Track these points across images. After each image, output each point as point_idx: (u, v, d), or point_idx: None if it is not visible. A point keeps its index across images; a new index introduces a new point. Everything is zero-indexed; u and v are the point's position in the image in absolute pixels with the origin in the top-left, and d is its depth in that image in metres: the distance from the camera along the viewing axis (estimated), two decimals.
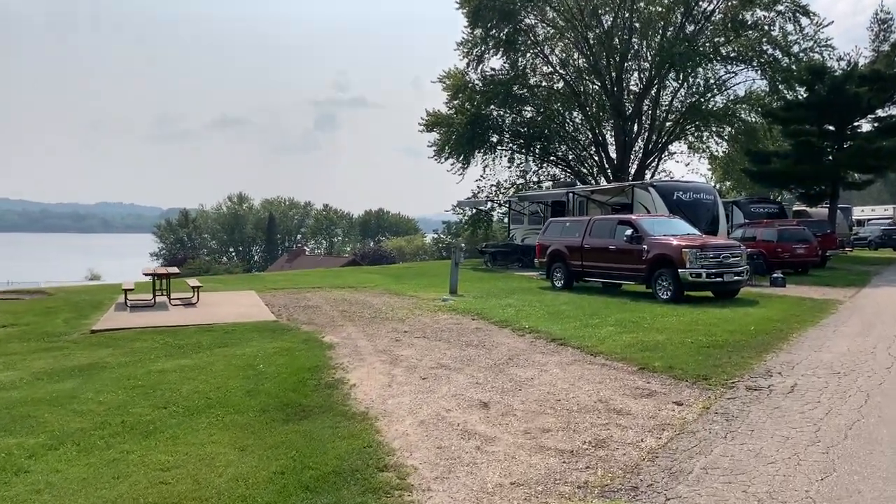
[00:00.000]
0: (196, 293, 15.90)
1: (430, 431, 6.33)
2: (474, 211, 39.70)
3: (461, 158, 39.76)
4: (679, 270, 15.66)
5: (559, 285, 19.40)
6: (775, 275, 19.87)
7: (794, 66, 34.28)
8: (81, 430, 6.54)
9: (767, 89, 37.19)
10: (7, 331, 12.98)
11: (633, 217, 18.42)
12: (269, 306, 15.50)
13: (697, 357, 9.23)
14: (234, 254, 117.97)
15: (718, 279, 15.71)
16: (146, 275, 15.80)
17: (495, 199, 38.00)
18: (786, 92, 35.34)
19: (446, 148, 39.56)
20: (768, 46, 35.78)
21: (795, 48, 34.97)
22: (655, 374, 8.52)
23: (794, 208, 38.94)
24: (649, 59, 39.14)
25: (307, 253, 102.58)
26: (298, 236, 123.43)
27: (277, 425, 6.56)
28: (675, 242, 16.28)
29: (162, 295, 15.88)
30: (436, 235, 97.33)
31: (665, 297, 15.97)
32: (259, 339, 11.39)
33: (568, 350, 10.18)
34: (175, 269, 16.35)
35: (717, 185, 49.43)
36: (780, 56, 35.29)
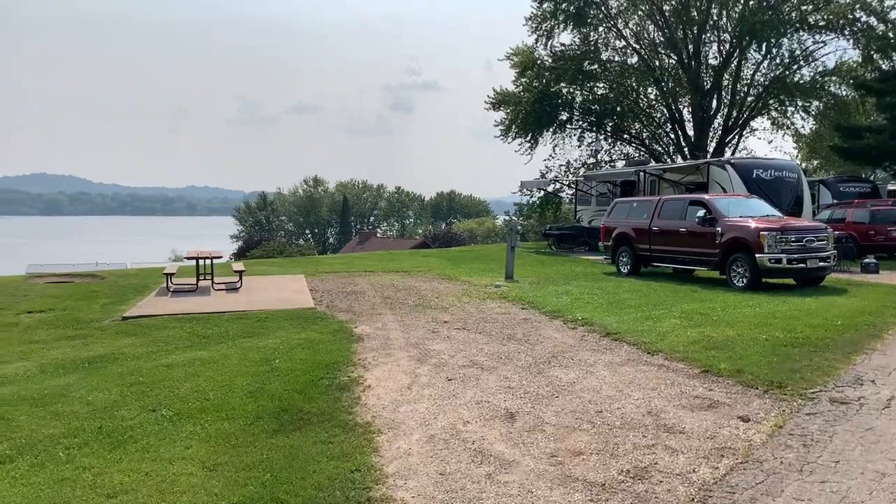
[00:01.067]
0: (240, 277, 15.30)
1: (437, 451, 5.33)
2: (542, 192, 38.28)
3: (529, 138, 38.44)
4: (756, 255, 14.18)
5: (625, 271, 18.07)
6: (867, 260, 18.01)
7: (890, 34, 31.53)
8: (50, 437, 5.81)
9: (860, 59, 34.44)
10: (42, 316, 12.62)
11: (706, 197, 16.89)
12: (313, 292, 14.77)
13: (772, 358, 7.92)
14: (309, 236, 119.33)
15: (801, 265, 14.15)
16: (188, 258, 15.27)
17: (561, 178, 36.47)
18: (881, 62, 32.59)
19: (513, 127, 38.29)
20: (861, 13, 32.98)
21: (893, 14, 32.17)
22: (720, 378, 7.29)
23: (889, 187, 36.00)
24: (729, 30, 36.76)
25: (379, 235, 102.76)
26: (371, 219, 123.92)
27: (265, 437, 5.68)
28: (752, 224, 14.78)
29: (205, 279, 15.33)
30: (507, 217, 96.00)
31: (740, 284, 14.51)
32: (289, 328, 10.61)
33: (622, 347, 9.01)
34: (219, 253, 15.78)
35: (804, 164, 46.47)
36: (875, 23, 32.53)
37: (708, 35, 37.47)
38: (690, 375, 7.49)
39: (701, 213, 15.79)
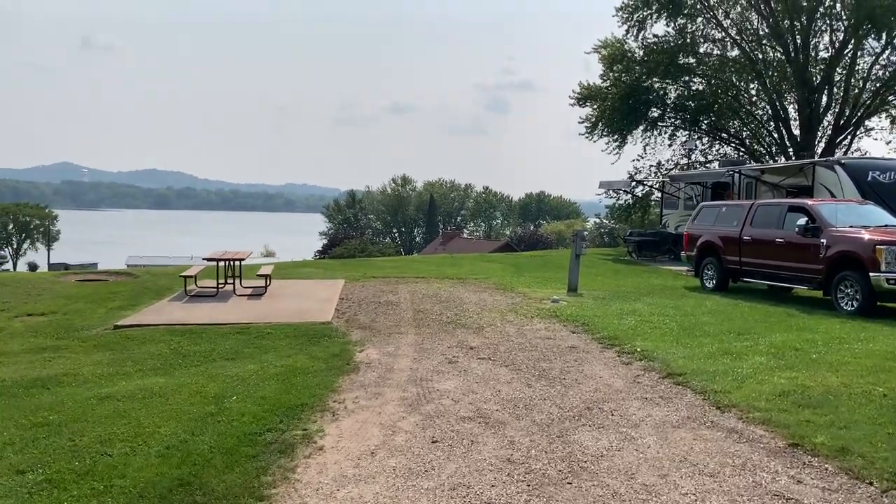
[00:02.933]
0: (265, 283, 13.82)
1: None
2: (630, 195, 35.56)
3: (616, 136, 35.76)
4: (870, 274, 11.63)
5: (710, 286, 15.63)
6: None
7: None
8: None
9: None
10: (38, 321, 11.46)
11: (810, 202, 14.30)
12: (343, 301, 13.12)
13: (892, 428, 5.64)
14: (396, 235, 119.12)
15: None
16: (207, 260, 13.86)
17: (645, 178, 33.60)
18: None
19: (599, 124, 35.73)
20: None
21: None
22: (815, 459, 5.10)
23: None
24: (844, 17, 33.12)
25: (465, 236, 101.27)
26: (458, 219, 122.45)
27: None
28: (865, 236, 12.22)
29: (228, 284, 13.88)
30: (598, 220, 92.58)
31: (849, 309, 11.99)
32: (283, 349, 8.94)
33: (684, 396, 6.86)
34: (244, 254, 14.32)
35: None
36: None
37: (819, 24, 33.91)
38: (771, 451, 5.32)
39: (802, 220, 13.29)
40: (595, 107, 35.72)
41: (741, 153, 36.62)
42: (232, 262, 13.87)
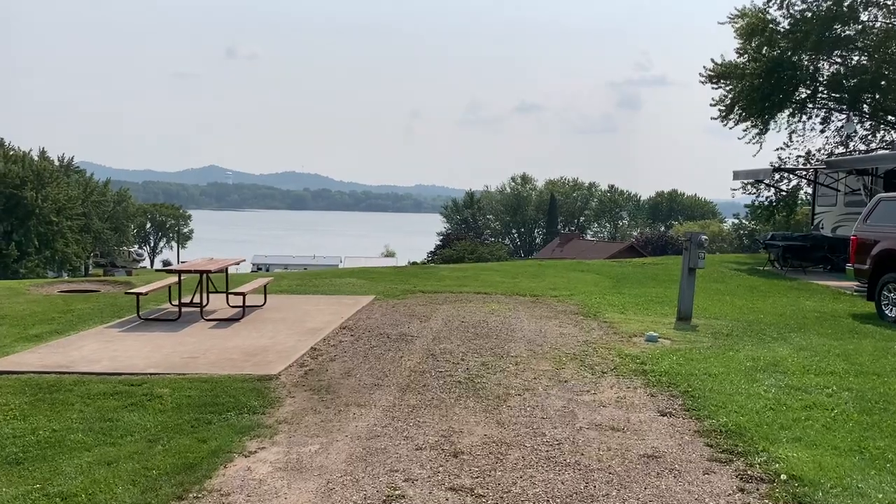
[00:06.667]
0: (243, 303, 10.13)
1: None
2: (772, 188, 29.76)
3: (755, 122, 30.03)
4: None
5: (893, 315, 10.66)
6: None
7: None
8: None
9: None
10: None
11: None
12: (343, 330, 9.28)
13: None
14: (515, 235, 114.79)
15: None
16: (163, 271, 10.32)
17: (791, 167, 27.61)
18: None
19: (735, 107, 30.14)
20: None
21: None
22: None
23: None
24: None
25: (589, 237, 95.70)
26: (581, 219, 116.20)
27: None
28: None
29: (196, 303, 10.26)
30: (737, 221, 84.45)
31: None
32: (131, 440, 5.13)
33: None
34: (224, 262, 10.67)
35: None
36: None
37: None
38: None
39: None
40: (730, 87, 30.20)
41: None
42: (207, 275, 10.23)
